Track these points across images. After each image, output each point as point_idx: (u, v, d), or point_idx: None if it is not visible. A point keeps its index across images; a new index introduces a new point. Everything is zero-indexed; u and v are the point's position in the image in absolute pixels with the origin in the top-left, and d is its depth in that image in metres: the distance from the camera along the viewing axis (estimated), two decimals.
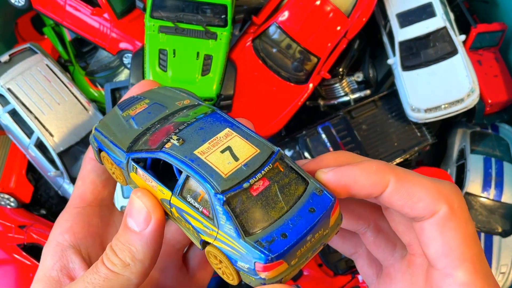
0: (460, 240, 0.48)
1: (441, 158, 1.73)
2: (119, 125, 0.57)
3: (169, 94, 0.60)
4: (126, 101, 0.60)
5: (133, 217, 0.52)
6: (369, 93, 1.62)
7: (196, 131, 0.51)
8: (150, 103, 0.59)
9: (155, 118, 0.56)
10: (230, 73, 1.37)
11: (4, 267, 1.40)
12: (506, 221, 1.50)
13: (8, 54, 1.52)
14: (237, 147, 0.49)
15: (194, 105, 0.58)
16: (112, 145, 0.55)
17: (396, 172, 0.49)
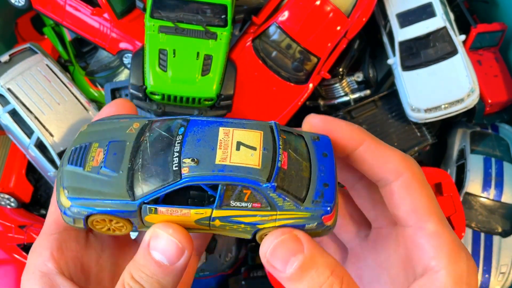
0: (425, 198, 0.55)
1: (441, 158, 1.73)
2: (94, 181, 0.52)
3: (110, 126, 0.56)
4: (73, 157, 0.54)
5: (162, 251, 0.51)
6: (369, 93, 1.62)
7: (196, 145, 0.51)
8: (105, 145, 0.54)
9: (126, 156, 0.53)
10: (230, 73, 1.37)
11: (4, 267, 1.40)
12: (506, 221, 1.50)
13: (8, 54, 1.52)
14: (244, 138, 0.52)
15: (146, 124, 0.56)
16: (108, 203, 0.51)
17: (370, 135, 0.57)
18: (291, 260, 0.48)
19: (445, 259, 0.52)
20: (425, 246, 0.53)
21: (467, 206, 1.51)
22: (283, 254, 0.49)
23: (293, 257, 0.48)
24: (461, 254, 0.53)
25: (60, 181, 0.53)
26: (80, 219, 0.53)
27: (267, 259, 0.49)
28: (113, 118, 0.57)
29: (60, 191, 0.53)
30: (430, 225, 0.54)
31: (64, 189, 0.52)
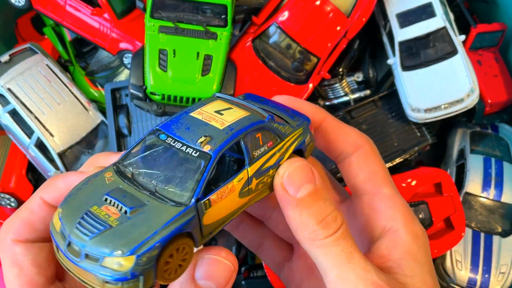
0: (379, 168, 0.60)
1: (441, 158, 1.73)
2: (134, 225, 0.47)
3: (87, 191, 0.51)
4: (87, 230, 0.47)
5: (211, 277, 0.50)
6: (369, 93, 1.62)
7: (191, 131, 0.53)
8: (104, 200, 0.50)
9: (135, 191, 0.50)
10: (230, 73, 1.37)
11: None
12: (506, 221, 1.50)
13: (8, 54, 1.52)
14: (215, 108, 0.56)
15: (117, 165, 0.54)
16: (167, 226, 0.47)
17: (330, 115, 0.63)
18: (304, 186, 0.51)
19: (401, 219, 0.56)
20: (382, 208, 0.57)
21: (467, 206, 1.52)
22: (298, 179, 0.52)
23: (307, 184, 0.51)
24: (413, 216, 0.58)
25: (94, 259, 0.46)
26: (151, 269, 0.47)
27: (282, 182, 0.52)
28: (77, 187, 0.52)
29: (108, 261, 0.45)
30: (386, 190, 0.58)
31: (114, 253, 0.45)
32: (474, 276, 1.44)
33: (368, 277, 0.49)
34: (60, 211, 0.49)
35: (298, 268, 0.66)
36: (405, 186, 1.44)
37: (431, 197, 1.47)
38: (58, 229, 0.49)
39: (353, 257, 0.50)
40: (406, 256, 0.54)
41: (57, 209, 0.50)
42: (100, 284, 0.46)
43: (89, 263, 0.46)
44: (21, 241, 0.54)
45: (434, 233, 1.47)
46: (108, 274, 0.45)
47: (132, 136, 1.52)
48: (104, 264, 0.45)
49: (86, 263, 0.46)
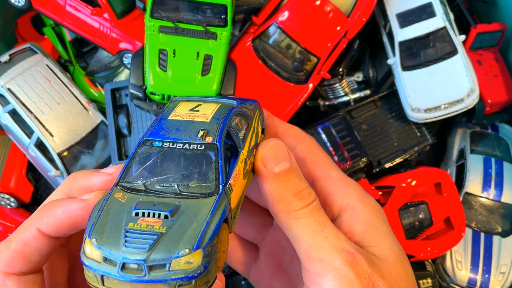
0: (324, 155, 0.67)
1: (441, 158, 1.73)
2: (185, 225, 0.47)
3: (109, 212, 0.50)
4: (139, 244, 0.47)
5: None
6: (369, 93, 1.62)
7: (182, 131, 0.55)
8: (136, 214, 0.49)
9: (163, 199, 0.50)
10: (230, 73, 1.37)
11: None
12: (506, 221, 1.50)
13: (8, 54, 1.52)
14: (186, 108, 0.59)
15: (119, 184, 0.54)
16: (213, 216, 0.48)
17: (276, 117, 0.69)
18: (281, 163, 0.55)
19: (356, 195, 0.60)
20: (336, 189, 0.61)
21: (467, 206, 1.51)
22: (276, 156, 0.56)
23: (284, 161, 0.56)
24: (366, 192, 0.62)
25: (161, 267, 0.45)
26: (214, 259, 0.48)
27: (261, 157, 0.56)
28: (95, 216, 0.50)
29: (176, 264, 0.45)
30: (335, 173, 0.63)
31: (180, 253, 0.45)
32: (474, 276, 1.44)
33: (340, 244, 0.52)
34: (94, 241, 0.47)
35: (266, 266, 0.68)
36: (405, 186, 1.44)
37: (431, 197, 1.47)
38: (99, 258, 0.47)
39: (325, 226, 0.53)
40: (368, 227, 0.57)
41: (86, 241, 0.47)
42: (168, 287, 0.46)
43: (156, 273, 0.45)
44: (14, 274, 0.53)
45: (434, 233, 1.47)
46: (181, 275, 0.45)
47: (132, 136, 1.52)
48: (172, 268, 0.45)
49: (153, 275, 0.45)
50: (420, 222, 1.45)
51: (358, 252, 0.52)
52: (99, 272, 0.47)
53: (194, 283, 0.46)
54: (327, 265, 0.51)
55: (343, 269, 0.50)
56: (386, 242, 0.57)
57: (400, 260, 0.56)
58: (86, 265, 0.47)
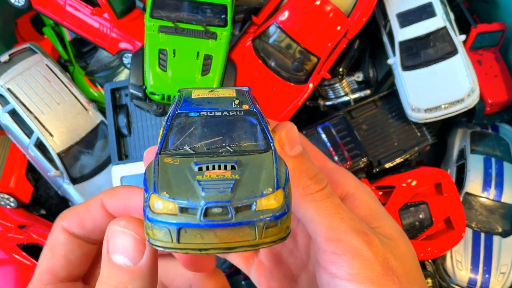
0: (313, 147, 0.64)
1: (441, 158, 1.73)
2: (254, 168, 0.46)
3: (172, 170, 0.48)
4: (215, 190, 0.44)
5: (121, 251, 0.46)
6: (369, 93, 1.62)
7: (215, 102, 0.54)
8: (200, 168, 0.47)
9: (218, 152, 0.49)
10: (230, 73, 1.37)
11: (4, 267, 1.40)
12: (506, 221, 1.50)
13: (8, 54, 1.52)
14: (199, 90, 0.57)
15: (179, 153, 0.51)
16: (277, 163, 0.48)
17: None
18: (296, 146, 0.54)
19: (353, 184, 0.60)
20: (334, 179, 0.60)
21: (467, 206, 1.51)
22: (291, 138, 0.54)
23: (298, 145, 0.54)
24: (360, 181, 0.61)
25: (247, 208, 0.44)
26: (290, 202, 0.47)
27: (279, 138, 0.54)
28: (153, 176, 0.47)
29: (262, 203, 0.44)
30: (329, 164, 0.62)
31: (264, 192, 0.44)
32: (475, 276, 1.44)
33: (356, 225, 0.53)
34: (165, 194, 0.44)
35: (266, 258, 0.68)
36: (406, 186, 1.44)
37: (431, 197, 1.47)
38: (175, 210, 0.43)
39: (341, 208, 0.54)
40: (369, 211, 0.59)
41: (153, 197, 0.44)
42: (260, 232, 0.43)
43: (243, 214, 0.43)
44: (68, 231, 0.55)
45: (434, 233, 1.46)
46: (268, 214, 0.43)
47: (132, 136, 1.52)
48: (259, 208, 0.43)
49: (240, 217, 0.42)
50: (420, 222, 1.45)
51: (371, 233, 0.54)
52: (176, 226, 0.42)
53: (280, 224, 0.44)
54: (346, 245, 0.52)
55: (361, 249, 0.52)
56: (388, 223, 0.60)
57: (402, 238, 0.59)
58: (157, 221, 0.43)
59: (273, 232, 0.44)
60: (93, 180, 1.56)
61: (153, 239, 0.43)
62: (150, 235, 0.43)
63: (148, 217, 0.43)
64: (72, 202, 1.57)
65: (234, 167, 0.46)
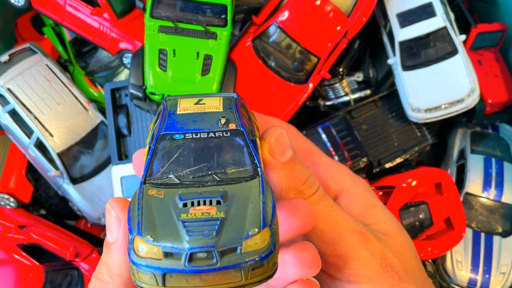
0: (309, 142, 0.64)
1: (441, 158, 1.73)
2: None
3: (155, 207, 0.46)
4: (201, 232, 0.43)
5: (107, 228, 0.49)
6: (369, 93, 1.62)
7: (200, 121, 0.52)
8: (185, 204, 0.46)
9: (208, 189, 0.47)
10: (230, 73, 1.37)
11: (4, 267, 1.40)
12: (506, 221, 1.50)
13: (8, 54, 1.52)
14: (185, 101, 0.56)
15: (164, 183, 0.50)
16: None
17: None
18: (287, 151, 0.53)
19: (348, 178, 0.61)
20: (329, 175, 0.60)
21: (467, 206, 1.51)
22: (281, 144, 0.53)
23: (288, 149, 0.54)
24: (355, 174, 0.62)
25: (232, 251, 0.42)
26: (278, 238, 0.46)
27: (269, 147, 0.53)
28: (136, 215, 0.46)
29: (247, 245, 0.42)
30: (324, 159, 0.63)
31: (250, 233, 0.43)
32: (475, 277, 1.44)
33: (350, 226, 0.54)
34: (149, 237, 0.42)
35: None
36: (406, 186, 1.44)
37: (431, 197, 1.47)
38: (159, 255, 0.42)
39: (334, 210, 0.54)
40: (366, 207, 0.59)
41: (137, 240, 0.43)
42: (245, 274, 0.42)
43: (229, 258, 0.42)
44: None
45: (435, 233, 1.46)
46: (255, 256, 0.42)
47: (132, 136, 1.52)
48: (244, 250, 0.42)
49: (225, 261, 0.42)
50: (421, 222, 1.44)
51: (367, 231, 0.54)
52: (160, 271, 0.42)
53: (266, 263, 0.43)
54: (342, 247, 0.53)
55: (358, 249, 0.53)
56: (385, 218, 0.59)
57: (400, 232, 0.59)
58: (142, 265, 0.42)
59: (259, 272, 0.43)
60: (93, 180, 1.56)
61: (138, 281, 0.43)
62: (136, 277, 0.43)
63: (133, 261, 0.43)
64: (72, 202, 1.57)
65: (219, 201, 0.44)
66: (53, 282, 1.40)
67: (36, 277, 1.39)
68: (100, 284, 0.48)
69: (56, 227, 1.55)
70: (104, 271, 0.48)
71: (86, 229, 1.72)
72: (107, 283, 0.47)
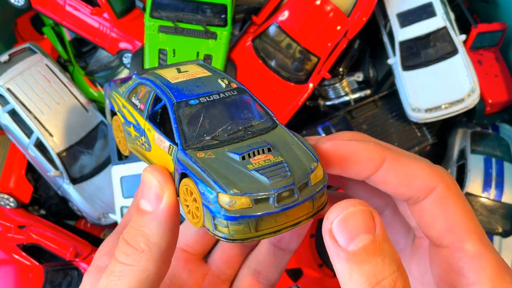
0: (462, 215, 0.48)
1: (441, 158, 1.73)
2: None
3: (217, 165, 0.49)
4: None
5: (144, 196, 0.48)
6: (369, 93, 1.62)
7: (202, 85, 0.55)
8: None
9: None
10: (230, 73, 1.37)
11: (4, 267, 1.40)
12: (507, 221, 1.50)
13: (7, 54, 1.52)
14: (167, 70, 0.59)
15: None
16: None
17: (391, 151, 0.50)
18: (359, 237, 0.41)
19: (488, 285, 0.46)
20: (464, 270, 0.47)
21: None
22: (353, 228, 0.41)
23: (363, 234, 0.41)
24: (506, 278, 0.46)
25: (306, 184, 0.47)
26: None
27: (330, 227, 0.42)
28: (200, 171, 0.48)
29: (312, 176, 0.48)
30: (470, 246, 0.47)
31: (312, 167, 0.48)
32: None
33: None
34: (235, 190, 0.45)
35: None
36: None
37: None
38: (249, 203, 0.45)
39: None
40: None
41: (224, 196, 0.44)
42: (315, 204, 0.48)
43: (305, 192, 0.47)
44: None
45: None
46: (320, 186, 0.48)
47: None
48: (312, 183, 0.47)
49: (303, 195, 0.47)
50: None
51: None
52: (255, 217, 0.45)
53: (325, 192, 0.49)
54: None
55: None
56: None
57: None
58: (236, 217, 0.44)
59: (321, 200, 0.49)
60: (93, 180, 1.56)
61: (229, 234, 0.46)
62: (225, 231, 0.46)
63: (225, 216, 0.45)
64: (72, 202, 1.57)
65: (269, 149, 0.49)
66: (53, 282, 1.40)
67: (36, 277, 1.39)
68: (134, 252, 0.46)
69: (56, 227, 1.55)
70: (140, 240, 0.47)
71: (86, 229, 1.72)
72: (143, 252, 0.46)
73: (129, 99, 0.59)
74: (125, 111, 0.59)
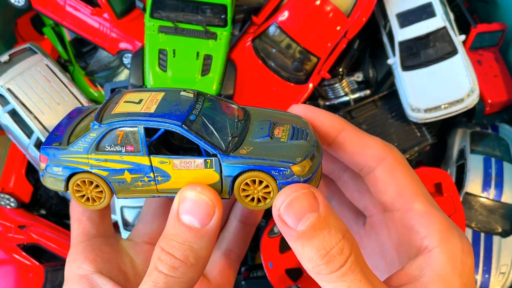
0: (409, 180, 0.56)
1: (441, 158, 1.73)
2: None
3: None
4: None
5: (192, 213, 0.50)
6: (369, 93, 1.62)
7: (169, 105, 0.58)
8: None
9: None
10: (230, 73, 1.37)
11: (4, 267, 1.40)
12: (506, 221, 1.50)
13: (7, 54, 1.52)
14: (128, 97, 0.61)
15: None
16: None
17: (350, 124, 0.59)
18: (305, 217, 0.46)
19: (437, 237, 0.51)
20: (416, 227, 0.53)
21: (467, 206, 1.51)
22: (298, 210, 0.46)
23: (308, 214, 0.46)
24: (453, 232, 0.52)
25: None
26: None
27: (279, 213, 0.47)
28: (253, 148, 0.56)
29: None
30: (418, 206, 0.54)
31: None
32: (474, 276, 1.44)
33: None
34: (300, 159, 0.53)
35: (368, 240, 0.64)
36: None
37: None
38: (310, 163, 0.53)
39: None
40: (437, 279, 0.49)
41: (297, 167, 0.52)
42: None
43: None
44: None
45: None
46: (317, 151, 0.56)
47: None
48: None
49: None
50: None
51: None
52: (317, 169, 0.55)
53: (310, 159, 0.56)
54: None
55: None
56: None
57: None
58: (310, 177, 0.53)
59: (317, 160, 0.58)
60: None
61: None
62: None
63: (304, 180, 0.53)
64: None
65: (274, 124, 0.60)
66: (53, 282, 1.41)
67: (36, 277, 1.40)
68: (183, 265, 0.49)
69: (56, 227, 1.55)
70: (189, 254, 0.50)
71: None
72: (192, 265, 0.50)
73: (101, 150, 0.55)
74: (105, 163, 0.55)
